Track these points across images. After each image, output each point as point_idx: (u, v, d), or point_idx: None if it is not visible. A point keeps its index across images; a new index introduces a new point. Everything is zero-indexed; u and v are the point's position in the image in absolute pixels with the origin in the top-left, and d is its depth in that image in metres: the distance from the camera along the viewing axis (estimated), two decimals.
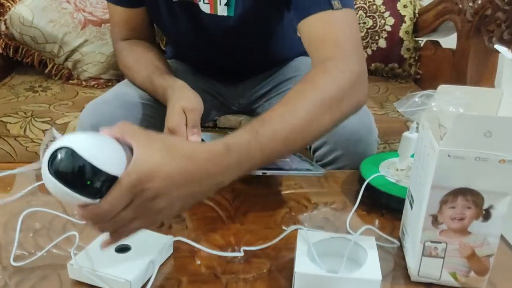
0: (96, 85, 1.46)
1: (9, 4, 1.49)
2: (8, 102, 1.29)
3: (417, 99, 0.51)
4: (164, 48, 1.40)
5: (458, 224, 0.51)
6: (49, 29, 1.43)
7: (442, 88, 0.55)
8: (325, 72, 0.68)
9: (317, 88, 0.65)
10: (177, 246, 0.60)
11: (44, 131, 1.15)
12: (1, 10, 1.49)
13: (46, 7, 1.43)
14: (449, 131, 0.48)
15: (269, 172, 0.67)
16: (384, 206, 0.72)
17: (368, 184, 0.73)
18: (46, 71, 1.50)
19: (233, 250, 0.61)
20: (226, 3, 0.90)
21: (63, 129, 1.15)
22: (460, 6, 1.35)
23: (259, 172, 0.65)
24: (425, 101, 0.51)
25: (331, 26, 0.75)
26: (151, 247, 0.58)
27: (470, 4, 1.31)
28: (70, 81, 1.49)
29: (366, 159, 0.82)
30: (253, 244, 0.61)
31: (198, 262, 0.59)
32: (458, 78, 1.36)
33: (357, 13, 1.55)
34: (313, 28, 0.76)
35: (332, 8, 0.74)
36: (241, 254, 0.60)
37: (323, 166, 0.96)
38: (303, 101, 0.62)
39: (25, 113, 1.20)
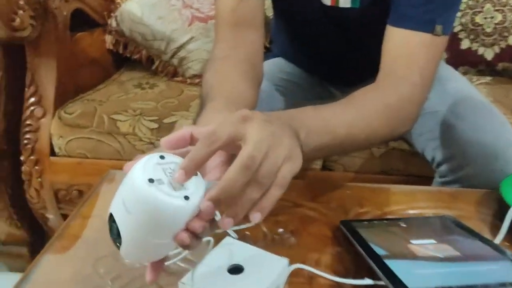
0: (200, 83, 1.45)
1: (119, 0, 1.53)
2: (118, 99, 1.32)
3: None
4: (268, 46, 1.35)
5: None
6: (158, 26, 1.44)
7: None
8: (394, 89, 0.72)
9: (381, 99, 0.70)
10: (293, 271, 0.55)
11: (151, 130, 1.16)
12: (112, 6, 1.54)
13: (156, 4, 1.45)
14: None
15: None
16: None
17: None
18: (153, 67, 1.51)
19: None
20: None
21: (170, 128, 1.15)
22: None
23: None
24: None
25: (420, 49, 0.73)
26: (266, 270, 0.52)
27: None
28: (175, 78, 1.49)
29: (506, 178, 0.71)
30: None
31: None
32: None
33: (483, 6, 1.42)
34: (403, 40, 0.73)
35: (432, 33, 0.72)
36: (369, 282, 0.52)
37: (448, 183, 0.86)
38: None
39: (134, 111, 1.22)
